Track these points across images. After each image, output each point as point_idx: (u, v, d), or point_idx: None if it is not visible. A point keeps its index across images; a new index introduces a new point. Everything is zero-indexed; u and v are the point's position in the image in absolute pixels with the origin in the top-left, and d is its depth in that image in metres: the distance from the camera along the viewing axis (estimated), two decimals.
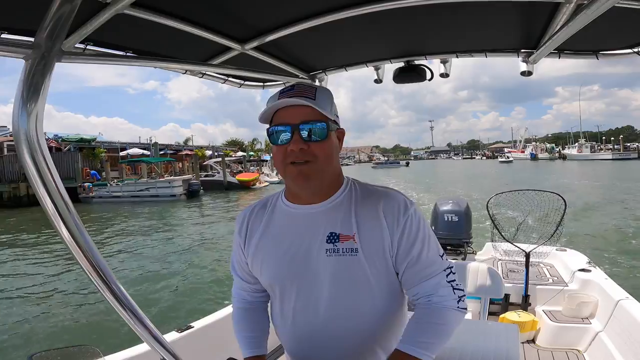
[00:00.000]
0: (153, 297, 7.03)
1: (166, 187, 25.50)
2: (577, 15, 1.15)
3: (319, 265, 0.98)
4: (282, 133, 0.95)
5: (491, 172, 46.58)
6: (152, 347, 1.10)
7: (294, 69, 2.13)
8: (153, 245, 11.91)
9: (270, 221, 1.07)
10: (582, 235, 9.76)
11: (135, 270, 8.93)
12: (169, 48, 1.65)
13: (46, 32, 0.87)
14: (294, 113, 0.95)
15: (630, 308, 2.40)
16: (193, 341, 2.05)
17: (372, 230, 0.97)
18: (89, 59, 1.26)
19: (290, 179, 0.98)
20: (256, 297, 1.18)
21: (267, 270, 1.05)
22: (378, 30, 1.67)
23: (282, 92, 0.99)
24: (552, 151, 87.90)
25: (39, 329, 5.86)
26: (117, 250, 11.28)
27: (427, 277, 0.98)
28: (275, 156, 0.99)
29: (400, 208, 0.98)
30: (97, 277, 0.99)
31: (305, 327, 1.03)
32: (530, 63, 1.85)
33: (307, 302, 1.01)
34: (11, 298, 7.43)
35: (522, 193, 3.69)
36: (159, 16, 1.25)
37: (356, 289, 0.98)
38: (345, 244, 0.97)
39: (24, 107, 0.86)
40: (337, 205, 1.01)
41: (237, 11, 1.39)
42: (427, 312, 0.98)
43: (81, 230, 0.96)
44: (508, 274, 3.49)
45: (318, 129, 0.95)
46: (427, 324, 0.96)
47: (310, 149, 0.94)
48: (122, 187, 26.34)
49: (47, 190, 0.90)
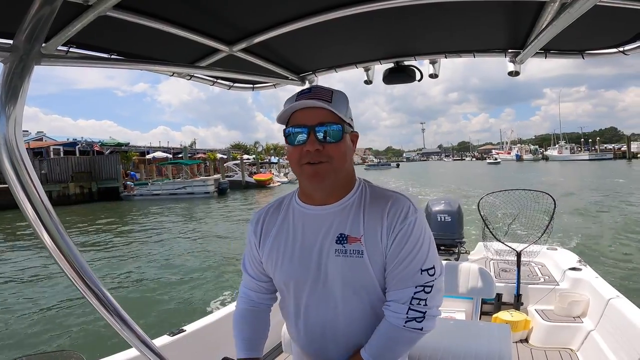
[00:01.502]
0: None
1: (201, 185, 29.21)
2: (562, 14, 1.16)
3: (329, 266, 1.01)
4: (299, 134, 0.98)
5: (480, 172, 51.90)
6: (140, 351, 1.09)
7: (284, 71, 2.12)
8: (196, 231, 14.45)
9: (284, 221, 1.10)
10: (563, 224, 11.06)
11: (188, 255, 10.66)
12: (155, 50, 1.64)
13: (25, 35, 0.85)
14: (310, 115, 0.97)
15: (621, 307, 2.41)
16: (185, 345, 2.04)
17: (375, 233, 1.00)
18: (72, 62, 1.25)
19: (305, 178, 1.01)
20: (262, 298, 1.20)
21: (281, 269, 1.07)
22: (367, 30, 1.68)
23: (299, 94, 1.02)
24: (535, 152, 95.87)
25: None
26: (173, 237, 13.66)
27: (396, 287, 1.00)
28: (291, 156, 1.02)
29: (402, 213, 0.99)
30: (81, 282, 0.97)
31: (317, 323, 1.05)
32: (518, 63, 1.87)
33: (320, 300, 1.04)
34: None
35: (512, 192, 3.69)
36: (143, 18, 1.24)
37: (363, 289, 1.01)
38: (353, 245, 1.00)
39: (2, 111, 0.85)
40: (348, 206, 1.04)
41: (224, 12, 1.38)
42: (381, 321, 1.02)
43: (63, 236, 0.94)
44: (500, 273, 3.50)
45: (334, 130, 0.97)
46: (377, 331, 1.02)
47: (326, 150, 0.97)
48: (161, 185, 30.14)
49: (27, 195, 0.88)
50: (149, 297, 7.16)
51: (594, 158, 72.80)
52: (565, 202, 14.96)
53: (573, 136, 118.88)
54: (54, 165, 29.56)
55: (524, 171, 48.14)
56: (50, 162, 30.05)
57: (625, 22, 1.43)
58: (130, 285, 8.10)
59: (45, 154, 31.10)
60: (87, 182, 29.05)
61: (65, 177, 28.79)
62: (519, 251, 3.21)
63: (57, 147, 31.79)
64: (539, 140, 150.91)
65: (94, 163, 30.62)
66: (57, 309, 6.53)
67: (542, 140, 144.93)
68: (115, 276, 8.70)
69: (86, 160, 30.97)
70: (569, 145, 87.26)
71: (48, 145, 32.27)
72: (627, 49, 1.63)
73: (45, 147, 31.88)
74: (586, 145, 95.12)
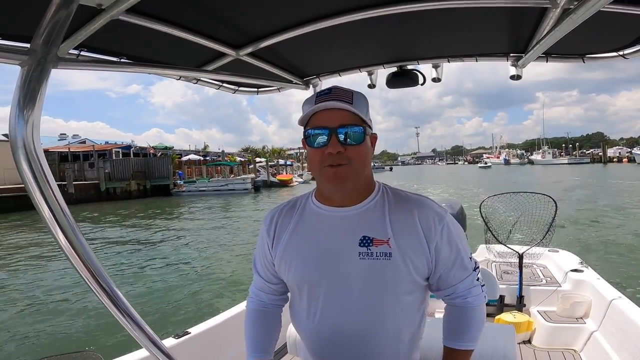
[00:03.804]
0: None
1: (241, 183, 35.92)
2: (564, 20, 1.18)
3: (350, 268, 1.00)
4: (320, 136, 0.97)
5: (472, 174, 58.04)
6: (150, 352, 1.10)
7: (289, 75, 2.14)
8: (239, 219, 17.82)
9: (300, 221, 1.08)
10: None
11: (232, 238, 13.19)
12: (163, 54, 1.66)
13: (42, 38, 0.86)
14: (332, 116, 0.96)
15: (624, 308, 2.43)
16: (190, 347, 2.05)
17: (407, 237, 0.99)
18: (84, 65, 1.27)
19: (325, 180, 0.99)
20: (273, 299, 1.19)
21: (295, 270, 1.06)
22: (371, 35, 1.70)
23: (318, 95, 1.00)
24: (522, 157, 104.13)
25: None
26: (219, 226, 16.28)
27: (462, 279, 1.05)
28: (311, 158, 1.00)
29: (435, 217, 1.01)
30: (95, 283, 0.99)
31: (331, 326, 1.04)
32: (519, 67, 1.89)
33: (335, 303, 1.02)
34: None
35: (513, 195, 3.74)
36: (153, 22, 1.26)
37: (386, 292, 1.00)
38: (380, 248, 0.98)
39: (20, 114, 0.86)
40: (370, 209, 1.03)
41: (231, 17, 1.40)
42: (465, 312, 1.08)
43: (78, 237, 0.95)
44: (502, 275, 3.53)
45: (355, 132, 0.96)
46: (469, 322, 1.08)
47: (347, 152, 0.95)
48: (208, 183, 36.25)
49: (44, 196, 0.89)
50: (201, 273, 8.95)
51: (573, 162, 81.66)
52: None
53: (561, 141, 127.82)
54: (117, 166, 34.37)
55: (511, 174, 55.02)
56: (113, 162, 34.68)
57: (624, 26, 1.47)
58: (181, 264, 10.00)
59: (109, 155, 36.77)
60: (142, 180, 33.71)
61: (126, 176, 33.61)
62: (521, 253, 3.26)
63: (117, 149, 38.00)
64: (527, 145, 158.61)
65: (147, 164, 35.34)
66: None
67: (530, 145, 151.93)
68: (170, 255, 11.08)
69: (142, 161, 35.81)
70: (551, 150, 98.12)
71: (111, 148, 38.27)
72: (626, 53, 1.67)
73: (108, 149, 37.80)
74: (567, 150, 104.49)
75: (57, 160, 34.95)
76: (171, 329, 5.34)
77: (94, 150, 36.81)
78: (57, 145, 42.29)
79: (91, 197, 30.20)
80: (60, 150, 37.97)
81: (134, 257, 10.95)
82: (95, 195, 31.04)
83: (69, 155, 37.09)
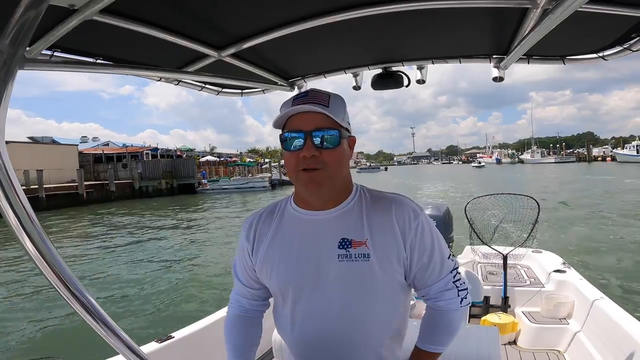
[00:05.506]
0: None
1: (260, 181, 40.20)
2: (543, 20, 1.18)
3: (330, 271, 1.00)
4: (295, 139, 0.97)
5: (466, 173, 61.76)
6: (127, 358, 1.06)
7: (273, 76, 2.12)
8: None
9: (279, 227, 1.08)
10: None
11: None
12: (142, 55, 1.63)
13: (9, 39, 0.83)
14: (307, 119, 0.96)
15: (606, 308, 2.46)
16: (173, 352, 2.02)
17: (384, 236, 1.00)
18: (56, 66, 1.24)
19: (301, 185, 0.99)
20: (253, 304, 1.18)
21: (277, 276, 1.05)
22: (355, 37, 1.69)
23: (295, 98, 1.00)
24: (513, 156, 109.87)
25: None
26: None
27: (436, 280, 1.05)
28: (287, 162, 1.00)
29: (411, 214, 1.01)
30: (65, 289, 0.95)
31: (313, 331, 1.04)
32: (502, 69, 1.90)
33: (318, 307, 1.02)
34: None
35: (498, 197, 3.76)
36: (130, 23, 1.23)
37: (367, 294, 1.01)
38: (358, 249, 0.99)
39: None
40: (347, 211, 1.03)
41: (212, 17, 1.38)
42: (435, 315, 1.09)
43: (46, 243, 0.91)
44: (487, 276, 3.55)
45: (330, 136, 0.96)
46: (437, 326, 1.09)
47: (322, 156, 0.95)
48: (230, 182, 40.25)
49: (9, 202, 0.85)
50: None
51: (559, 161, 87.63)
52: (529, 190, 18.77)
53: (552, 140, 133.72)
54: (148, 166, 38.55)
55: (503, 172, 59.65)
56: (144, 163, 38.77)
57: (604, 28, 1.48)
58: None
59: (141, 157, 40.90)
60: (170, 179, 37.56)
61: (157, 175, 37.82)
62: (505, 254, 3.31)
63: (147, 151, 42.44)
64: (519, 145, 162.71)
65: (174, 164, 39.39)
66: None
67: (522, 144, 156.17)
68: (194, 241, 13.49)
69: (169, 162, 40.04)
70: (540, 150, 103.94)
71: (143, 150, 42.73)
72: (606, 54, 1.68)
73: (140, 151, 42.12)
74: (554, 150, 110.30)
75: (91, 162, 39.03)
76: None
77: (127, 152, 41.04)
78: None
79: (127, 194, 33.88)
80: (94, 152, 41.99)
81: (189, 241, 13.63)
82: (130, 193, 34.60)
83: (103, 157, 41.17)
